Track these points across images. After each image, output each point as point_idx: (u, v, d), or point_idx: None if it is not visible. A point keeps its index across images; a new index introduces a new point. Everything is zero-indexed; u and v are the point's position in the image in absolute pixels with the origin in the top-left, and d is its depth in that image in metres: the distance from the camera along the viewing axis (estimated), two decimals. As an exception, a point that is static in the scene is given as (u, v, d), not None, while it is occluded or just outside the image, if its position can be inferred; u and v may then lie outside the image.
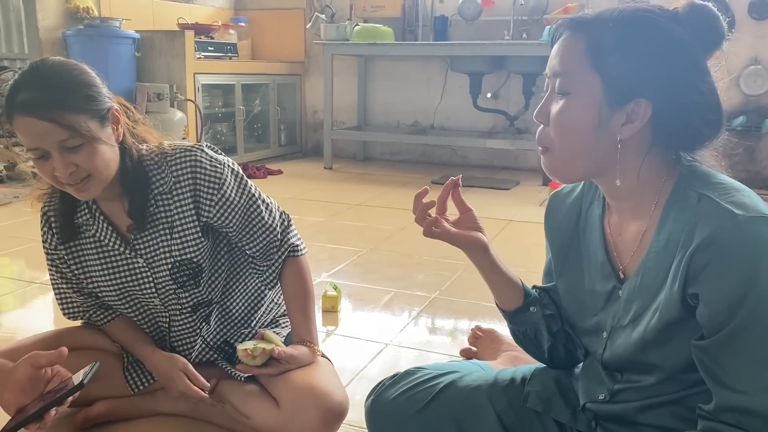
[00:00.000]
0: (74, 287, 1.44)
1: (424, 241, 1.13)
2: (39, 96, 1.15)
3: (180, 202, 1.34)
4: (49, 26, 4.32)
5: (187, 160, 1.33)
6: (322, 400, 1.32)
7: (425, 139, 5.13)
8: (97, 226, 1.35)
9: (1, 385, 1.10)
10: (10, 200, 3.86)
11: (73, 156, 1.18)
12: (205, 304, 1.47)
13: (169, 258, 1.36)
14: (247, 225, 1.40)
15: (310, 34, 5.57)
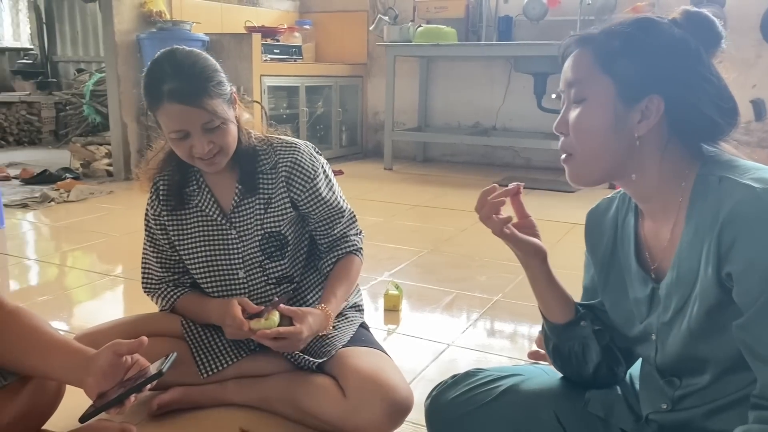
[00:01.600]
0: (161, 258, 1.56)
1: (486, 243, 1.12)
2: (185, 85, 1.31)
3: (278, 182, 1.49)
4: (124, 30, 4.49)
5: (290, 151, 1.50)
6: (388, 393, 1.34)
7: (487, 141, 5.09)
8: (201, 196, 1.50)
9: (83, 371, 1.15)
10: (86, 196, 4.04)
11: (211, 135, 1.35)
12: (287, 279, 1.54)
13: (260, 230, 1.49)
14: (326, 218, 1.54)
15: (372, 36, 5.61)
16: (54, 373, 1.22)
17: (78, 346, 1.22)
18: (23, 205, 3.80)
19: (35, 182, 4.45)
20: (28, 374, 1.24)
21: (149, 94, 1.36)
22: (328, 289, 1.52)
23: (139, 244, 3.15)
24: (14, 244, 3.19)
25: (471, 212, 1.09)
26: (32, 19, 7.62)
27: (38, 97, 6.82)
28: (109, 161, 4.80)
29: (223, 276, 1.53)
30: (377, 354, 1.49)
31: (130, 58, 4.53)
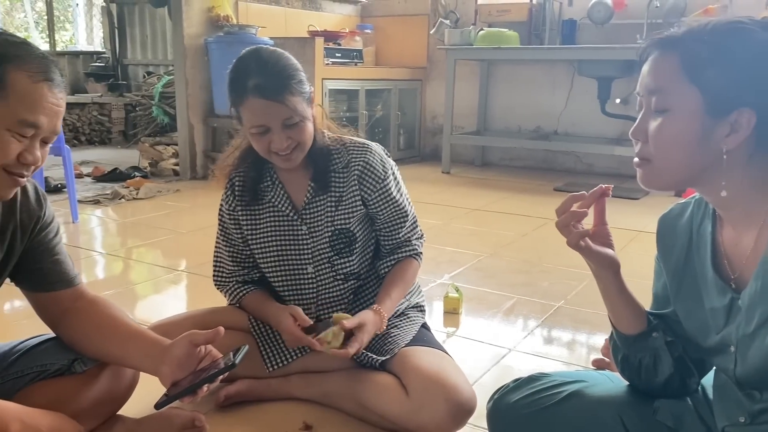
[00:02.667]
0: (233, 253, 1.60)
1: (548, 249, 1.11)
2: (271, 81, 1.36)
3: (349, 181, 1.53)
4: (192, 34, 4.63)
5: (362, 151, 1.53)
6: (451, 394, 1.34)
7: (548, 145, 5.01)
8: (275, 192, 1.54)
9: (159, 360, 1.19)
10: (154, 194, 4.18)
11: (290, 131, 1.40)
12: (354, 276, 1.57)
13: (331, 227, 1.53)
14: (391, 220, 1.56)
15: (433, 40, 5.61)
16: (130, 361, 1.27)
17: (154, 336, 1.26)
18: (95, 201, 3.97)
19: (106, 180, 4.64)
20: (107, 361, 1.30)
21: (234, 89, 1.40)
22: (384, 291, 1.54)
23: (203, 242, 3.24)
24: (86, 239, 3.33)
25: (532, 217, 1.08)
26: (105, 23, 7.94)
27: (109, 99, 7.10)
28: (175, 161, 4.95)
29: (293, 271, 1.56)
30: (440, 354, 1.50)
31: (197, 61, 4.67)
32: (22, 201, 1.23)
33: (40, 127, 1.07)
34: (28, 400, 1.25)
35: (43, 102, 1.07)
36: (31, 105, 1.05)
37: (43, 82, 1.07)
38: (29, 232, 1.24)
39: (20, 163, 1.07)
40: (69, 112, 6.88)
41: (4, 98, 1.03)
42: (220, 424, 1.46)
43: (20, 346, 1.33)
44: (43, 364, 1.28)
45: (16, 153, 1.06)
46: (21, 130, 1.06)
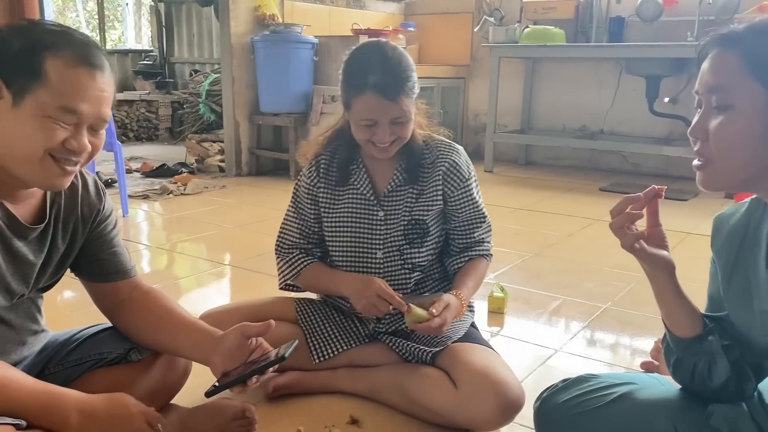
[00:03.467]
0: (302, 226, 1.63)
1: (595, 250, 1.09)
2: (390, 81, 1.41)
3: (434, 176, 1.56)
4: (239, 32, 4.70)
5: (450, 151, 1.58)
6: (501, 389, 1.35)
7: (594, 144, 4.93)
8: (359, 175, 1.59)
9: (211, 350, 1.22)
10: (201, 190, 4.26)
11: (395, 128, 1.45)
12: (419, 268, 1.59)
13: (408, 216, 1.56)
14: (469, 220, 1.60)
15: (477, 38, 5.58)
16: (183, 351, 1.30)
17: (206, 326, 1.29)
18: (144, 196, 4.06)
19: (154, 175, 4.75)
20: (160, 350, 1.33)
21: (352, 81, 1.45)
22: (461, 280, 1.56)
23: (248, 237, 3.28)
24: (135, 232, 3.41)
25: (577, 217, 1.07)
26: (153, 22, 8.12)
27: (156, 96, 7.26)
28: (221, 157, 5.03)
29: (362, 253, 1.59)
30: (489, 351, 1.50)
31: (244, 59, 4.74)
32: (83, 194, 1.26)
33: (81, 114, 1.06)
34: (85, 387, 1.28)
35: (83, 88, 1.05)
36: (70, 91, 1.04)
37: (82, 68, 1.05)
38: (89, 224, 1.28)
39: (66, 149, 1.06)
40: (118, 109, 7.06)
41: (43, 86, 1.02)
42: (268, 416, 1.48)
43: (79, 335, 1.37)
44: (101, 353, 1.32)
45: (61, 139, 1.05)
46: (62, 117, 1.04)
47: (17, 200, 1.14)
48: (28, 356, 1.30)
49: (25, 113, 1.03)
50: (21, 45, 1.03)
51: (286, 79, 4.57)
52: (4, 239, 1.11)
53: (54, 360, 1.33)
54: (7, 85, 1.03)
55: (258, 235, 3.24)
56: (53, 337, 1.37)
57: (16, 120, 1.03)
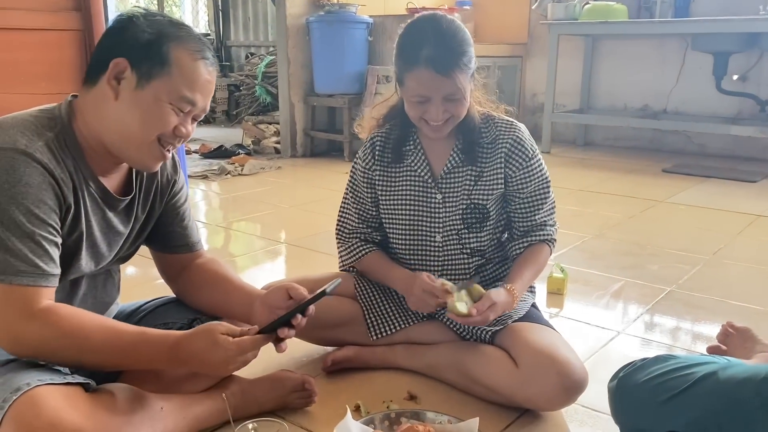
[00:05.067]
0: (360, 211, 1.60)
1: (658, 231, 1.04)
2: (444, 54, 1.34)
3: (494, 157, 1.50)
4: (295, 14, 4.72)
5: (512, 129, 1.51)
6: (563, 368, 1.32)
7: (657, 124, 4.75)
8: (416, 156, 1.53)
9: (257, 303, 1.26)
10: (257, 171, 4.32)
11: (448, 105, 1.39)
12: (480, 253, 1.55)
13: (467, 200, 1.51)
14: (532, 199, 1.53)
15: (535, 15, 5.44)
16: (233, 310, 1.34)
17: (256, 289, 1.34)
18: (204, 176, 4.15)
19: (212, 156, 4.84)
20: (213, 312, 1.36)
21: (405, 56, 1.39)
22: (517, 270, 1.50)
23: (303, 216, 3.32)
24: (195, 211, 3.49)
25: (639, 199, 1.02)
26: (210, 6, 8.24)
27: (214, 79, 7.38)
28: (277, 139, 5.09)
29: (420, 237, 1.55)
30: (551, 330, 1.47)
31: (299, 40, 4.76)
32: (162, 166, 1.32)
33: (196, 104, 1.14)
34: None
35: (201, 80, 1.14)
36: (191, 81, 1.13)
37: (201, 60, 1.14)
38: (167, 194, 1.34)
39: (174, 135, 1.14)
40: (177, 92, 7.20)
41: (167, 74, 1.10)
42: (327, 390, 1.49)
43: (145, 306, 1.41)
44: (166, 323, 1.36)
45: (173, 125, 1.13)
46: (180, 105, 1.13)
47: (108, 175, 1.21)
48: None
49: (147, 97, 1.10)
50: (150, 34, 1.10)
51: (340, 59, 4.57)
52: (101, 212, 1.19)
53: (122, 329, 1.37)
54: (133, 67, 1.10)
55: (313, 214, 3.27)
56: (122, 308, 1.42)
57: (136, 101, 1.10)
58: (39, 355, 1.07)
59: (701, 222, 3.09)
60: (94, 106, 1.13)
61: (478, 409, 1.40)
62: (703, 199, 3.49)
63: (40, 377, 1.04)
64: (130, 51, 1.10)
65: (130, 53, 1.10)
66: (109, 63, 1.10)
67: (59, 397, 1.02)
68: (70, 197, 1.11)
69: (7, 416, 0.98)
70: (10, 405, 0.98)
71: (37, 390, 1.00)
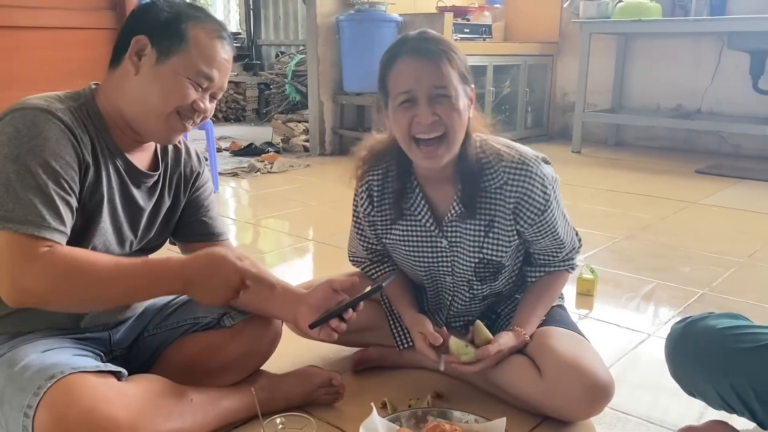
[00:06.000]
0: (367, 246, 1.55)
1: (690, 233, 1.03)
2: (429, 45, 1.27)
3: (503, 205, 1.37)
4: (325, 12, 4.74)
5: (521, 176, 1.34)
6: (588, 379, 1.29)
7: (690, 124, 4.67)
8: (415, 201, 1.41)
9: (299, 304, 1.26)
10: (286, 168, 4.36)
11: (437, 106, 1.26)
12: (494, 295, 1.52)
13: (479, 254, 1.41)
14: (545, 237, 1.42)
15: (566, 14, 5.38)
16: (271, 309, 1.34)
17: (293, 287, 1.34)
18: (234, 174, 4.19)
19: (242, 154, 4.89)
20: (249, 310, 1.37)
21: (386, 57, 1.31)
22: (528, 308, 1.44)
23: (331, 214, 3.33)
24: (225, 208, 3.53)
25: (671, 200, 1.00)
26: (241, 5, 8.32)
27: (244, 78, 7.45)
28: (306, 137, 5.12)
29: (430, 276, 1.51)
30: (576, 337, 1.43)
31: (329, 39, 4.77)
32: (186, 158, 1.37)
33: (213, 80, 1.19)
34: (181, 350, 1.36)
35: (218, 57, 1.19)
36: (208, 58, 1.18)
37: (218, 39, 1.20)
38: (190, 185, 1.37)
39: (193, 109, 1.19)
40: (208, 90, 7.28)
41: (185, 50, 1.16)
42: (355, 387, 1.50)
43: (176, 301, 1.43)
44: (196, 317, 1.38)
45: (192, 99, 1.18)
46: (198, 80, 1.18)
47: (131, 152, 1.25)
48: (130, 317, 1.37)
49: (167, 71, 1.16)
50: (169, 14, 1.17)
51: (370, 57, 4.56)
52: (123, 185, 1.23)
53: (152, 323, 1.39)
54: (153, 44, 1.15)
55: (341, 212, 3.25)
56: (152, 302, 1.44)
57: (156, 76, 1.16)
58: (46, 300, 1.06)
59: (736, 224, 3.03)
60: (116, 83, 1.19)
61: (506, 410, 1.39)
62: (738, 201, 3.42)
63: (74, 365, 1.06)
64: (150, 29, 1.16)
65: (150, 31, 1.16)
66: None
67: (93, 385, 1.04)
68: (89, 158, 1.14)
69: (42, 403, 1.00)
70: (45, 392, 1.00)
71: (71, 377, 1.02)
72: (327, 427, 1.35)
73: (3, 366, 1.09)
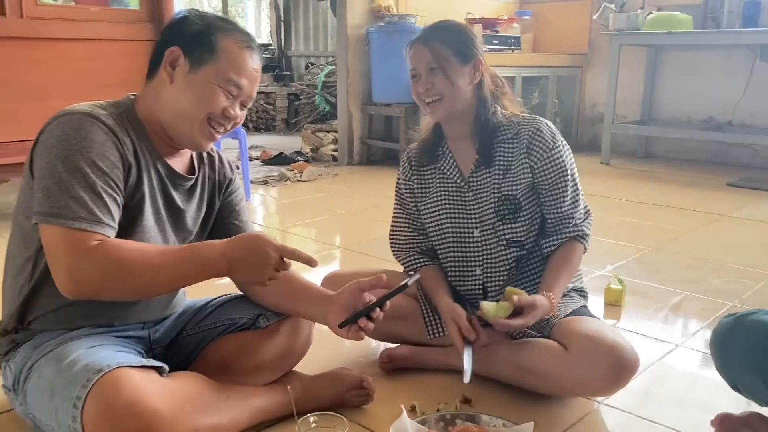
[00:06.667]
0: (409, 220, 1.69)
1: (720, 246, 1.04)
2: (429, 32, 1.56)
3: (518, 149, 1.57)
4: (355, 24, 4.81)
5: (532, 123, 1.58)
6: (612, 349, 1.35)
7: (722, 137, 4.63)
8: (445, 160, 1.64)
9: (327, 306, 1.30)
10: (315, 177, 4.42)
11: (433, 78, 1.52)
12: (517, 244, 1.58)
13: (497, 193, 1.58)
14: (554, 189, 1.56)
15: (595, 26, 5.38)
16: (302, 310, 1.39)
17: (322, 288, 1.39)
18: (264, 182, 4.27)
19: (272, 163, 4.97)
20: (280, 310, 1.42)
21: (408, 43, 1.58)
22: (552, 275, 1.52)
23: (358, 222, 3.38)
24: (255, 215, 3.59)
25: (701, 212, 1.02)
26: (272, 17, 8.46)
27: (274, 88, 7.57)
28: (334, 147, 5.19)
29: (459, 234, 1.61)
30: (600, 320, 1.51)
31: (359, 51, 4.85)
32: (219, 166, 1.43)
33: (242, 89, 1.25)
34: (217, 350, 1.40)
35: (247, 66, 1.25)
36: (237, 67, 1.24)
37: (247, 49, 1.26)
38: (224, 190, 1.44)
39: (224, 116, 1.25)
40: (239, 100, 7.41)
41: (216, 60, 1.22)
42: (384, 389, 1.53)
43: (214, 302, 1.48)
44: (232, 318, 1.43)
45: (222, 106, 1.24)
46: (228, 88, 1.24)
47: (169, 157, 1.31)
48: (170, 316, 1.43)
49: (199, 80, 1.22)
50: (200, 26, 1.23)
51: (399, 69, 4.58)
52: (163, 186, 1.30)
53: (191, 323, 1.44)
54: (186, 55, 1.22)
55: (368, 220, 3.32)
56: (191, 303, 1.49)
57: (190, 83, 1.22)
58: (101, 289, 1.12)
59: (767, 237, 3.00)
60: (153, 92, 1.26)
61: (533, 415, 1.41)
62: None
63: (119, 360, 1.11)
64: (183, 41, 1.23)
65: (183, 43, 1.23)
66: None
67: (137, 380, 1.08)
68: (131, 158, 1.21)
69: (90, 395, 1.05)
70: (93, 384, 1.06)
71: (117, 371, 1.08)
72: (357, 428, 1.39)
73: (52, 361, 1.15)
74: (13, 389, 1.24)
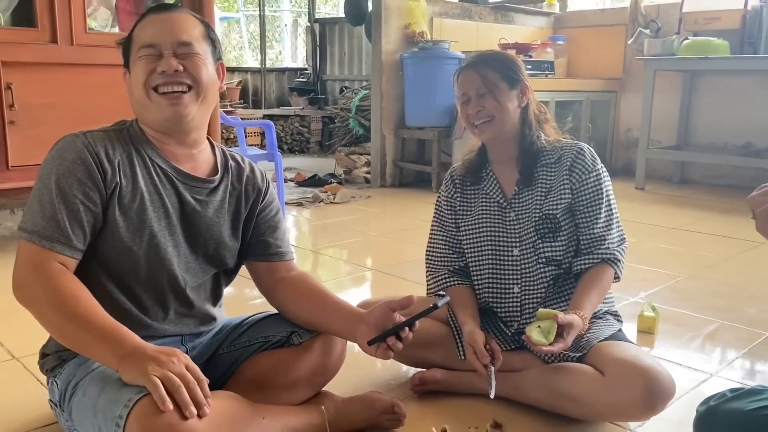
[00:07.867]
0: (446, 237, 1.74)
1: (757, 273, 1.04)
2: (477, 58, 1.66)
3: (560, 172, 1.63)
4: (390, 50, 4.90)
5: (575, 148, 1.65)
6: (648, 375, 1.35)
7: (760, 163, 4.55)
8: (488, 181, 1.71)
9: (359, 323, 1.32)
10: (348, 199, 4.48)
11: (482, 101, 1.60)
12: (555, 263, 1.60)
13: (538, 212, 1.63)
14: (589, 209, 1.61)
15: (630, 50, 5.37)
16: (333, 327, 1.41)
17: (354, 306, 1.41)
18: (299, 203, 4.34)
19: (306, 185, 5.05)
20: (311, 327, 1.45)
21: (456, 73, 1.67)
22: (583, 294, 1.53)
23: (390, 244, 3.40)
24: (290, 237, 3.65)
25: (738, 239, 1.03)
26: (308, 42, 8.63)
27: (309, 112, 7.69)
28: (367, 169, 5.25)
29: (498, 252, 1.65)
30: (636, 346, 1.51)
31: (393, 75, 4.92)
32: (249, 176, 1.47)
33: (153, 43, 1.29)
34: (252, 367, 1.44)
35: (152, 26, 1.31)
36: (143, 33, 1.31)
37: (150, 15, 1.33)
38: (252, 202, 1.47)
39: (161, 75, 1.28)
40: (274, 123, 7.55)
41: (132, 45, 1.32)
42: (415, 413, 1.54)
43: (248, 320, 1.52)
44: (266, 336, 1.46)
45: (151, 69, 1.28)
46: (144, 53, 1.29)
47: (184, 163, 1.37)
48: (204, 335, 1.47)
49: (132, 71, 1.32)
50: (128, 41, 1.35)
51: (432, 93, 4.68)
52: (176, 189, 1.35)
53: (227, 341, 1.49)
54: (125, 65, 1.35)
55: (400, 243, 3.35)
56: (227, 321, 1.53)
57: (131, 81, 1.32)
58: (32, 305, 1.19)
59: (807, 266, 2.94)
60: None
61: (563, 441, 1.41)
62: None
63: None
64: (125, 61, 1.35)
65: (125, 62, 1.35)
66: None
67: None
68: (117, 175, 1.27)
69: (132, 414, 1.07)
70: (135, 404, 1.08)
71: None
72: (388, 450, 1.41)
73: (96, 379, 1.19)
74: (59, 405, 1.29)
